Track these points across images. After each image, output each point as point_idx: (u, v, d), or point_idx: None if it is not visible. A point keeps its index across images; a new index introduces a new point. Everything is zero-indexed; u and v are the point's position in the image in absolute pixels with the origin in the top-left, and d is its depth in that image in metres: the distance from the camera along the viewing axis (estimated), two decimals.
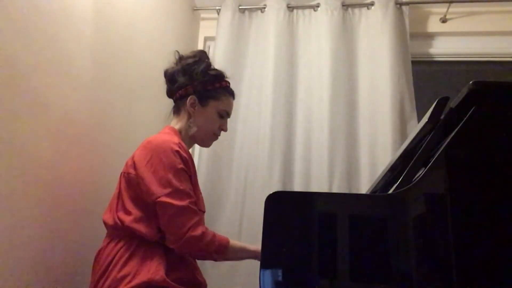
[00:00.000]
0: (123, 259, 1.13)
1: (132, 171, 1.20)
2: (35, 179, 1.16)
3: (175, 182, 1.15)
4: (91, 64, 1.43)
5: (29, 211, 1.13)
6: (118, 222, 1.18)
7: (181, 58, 1.41)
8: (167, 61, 1.44)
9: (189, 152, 1.28)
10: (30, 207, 1.14)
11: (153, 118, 1.95)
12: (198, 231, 1.14)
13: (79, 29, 1.35)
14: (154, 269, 1.11)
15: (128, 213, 1.18)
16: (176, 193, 1.15)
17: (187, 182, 1.19)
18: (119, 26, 1.62)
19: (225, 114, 1.41)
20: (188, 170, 1.22)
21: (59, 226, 1.26)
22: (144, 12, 1.85)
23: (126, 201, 1.20)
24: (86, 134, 1.41)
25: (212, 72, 1.38)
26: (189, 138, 1.38)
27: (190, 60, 1.39)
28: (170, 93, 1.43)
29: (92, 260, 1.22)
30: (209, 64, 1.39)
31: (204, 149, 2.13)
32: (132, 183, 1.20)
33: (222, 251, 1.18)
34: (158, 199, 1.13)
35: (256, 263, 0.86)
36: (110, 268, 1.13)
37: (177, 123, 1.38)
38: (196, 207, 1.18)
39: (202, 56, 1.40)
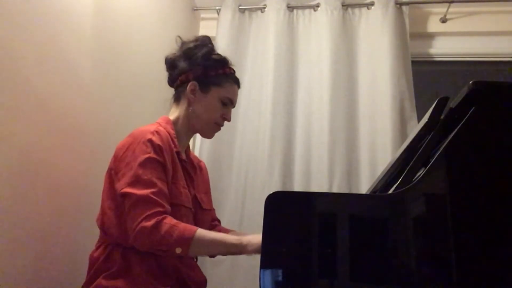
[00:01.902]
0: (116, 268, 1.09)
1: (112, 165, 1.16)
2: (35, 179, 1.16)
3: (139, 171, 1.07)
4: (91, 64, 1.43)
5: (28, 210, 1.13)
6: (99, 223, 1.16)
7: (183, 44, 1.32)
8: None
9: (169, 139, 1.19)
10: (30, 206, 1.14)
11: (153, 118, 1.94)
12: (151, 222, 1.01)
13: (79, 29, 1.35)
14: (142, 280, 1.07)
15: (104, 213, 1.14)
16: (138, 182, 1.06)
17: (156, 171, 1.10)
18: (119, 26, 1.62)
19: (228, 102, 1.30)
20: (161, 158, 1.12)
21: (59, 226, 1.26)
22: (144, 12, 1.85)
23: (106, 200, 1.15)
24: (86, 134, 1.41)
25: (215, 57, 1.29)
26: (188, 127, 1.29)
27: (191, 45, 1.30)
28: (170, 81, 1.34)
29: None
30: (211, 49, 1.30)
31: (204, 149, 2.13)
32: (112, 179, 1.15)
33: (184, 243, 1.02)
34: (121, 190, 1.07)
35: (256, 263, 0.86)
36: (101, 273, 1.10)
37: (174, 112, 1.30)
38: (160, 198, 1.06)
39: (204, 41, 1.31)
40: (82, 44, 1.37)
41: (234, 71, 1.34)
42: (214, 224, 1.44)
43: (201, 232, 1.06)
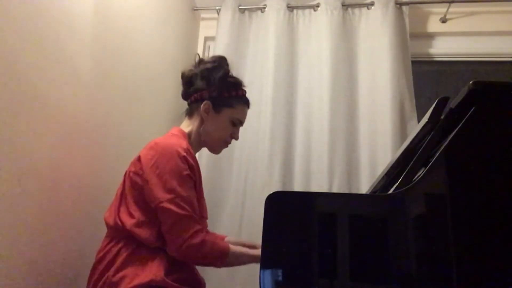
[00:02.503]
0: (122, 260, 1.13)
1: (138, 171, 1.20)
2: (36, 180, 1.16)
3: (179, 188, 1.14)
4: (91, 64, 1.43)
5: (29, 211, 1.13)
6: (119, 223, 1.17)
7: (200, 62, 1.41)
8: (167, 61, 1.43)
9: (195, 157, 1.27)
10: (31, 207, 1.14)
11: (153, 118, 1.95)
12: (197, 240, 1.13)
13: (79, 29, 1.35)
14: (153, 270, 1.11)
15: (131, 216, 1.17)
16: (179, 200, 1.14)
17: (191, 189, 1.19)
18: (119, 26, 1.62)
19: (237, 123, 1.40)
20: (193, 176, 1.21)
21: (59, 226, 1.26)
22: (144, 12, 1.85)
23: (130, 203, 1.19)
24: (86, 134, 1.41)
25: (230, 80, 1.37)
26: (199, 142, 1.38)
27: (209, 65, 1.38)
28: (185, 96, 1.42)
29: (92, 260, 1.22)
30: (227, 71, 1.38)
31: (205, 149, 2.13)
32: (136, 184, 1.19)
33: (222, 259, 1.18)
34: (161, 205, 1.13)
35: (256, 263, 0.86)
36: (109, 269, 1.13)
37: (187, 126, 1.38)
38: (197, 215, 1.17)
39: (221, 62, 1.39)
40: (82, 44, 1.37)
41: (246, 92, 1.42)
42: None
43: (232, 249, 1.20)
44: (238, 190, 2.08)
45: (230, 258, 1.19)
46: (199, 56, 1.43)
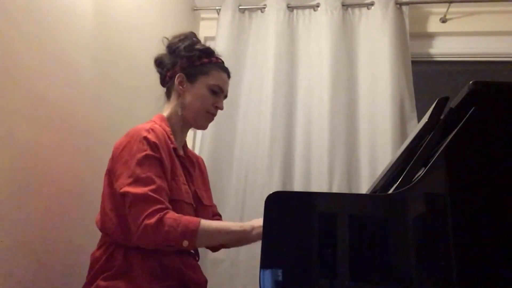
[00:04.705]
0: (114, 270, 1.09)
1: (109, 167, 1.17)
2: (35, 179, 1.16)
3: (138, 170, 1.07)
4: (91, 64, 1.43)
5: (28, 211, 1.13)
6: (99, 224, 1.16)
7: (168, 42, 1.34)
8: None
9: (165, 136, 1.19)
10: (30, 207, 1.14)
11: (152, 117, 1.95)
12: (154, 219, 1.02)
13: (79, 29, 1.35)
14: (142, 280, 1.07)
15: (105, 215, 1.14)
16: (136, 181, 1.06)
17: (154, 168, 1.10)
18: (119, 26, 1.62)
19: (217, 90, 1.29)
20: (158, 154, 1.12)
21: (58, 226, 1.26)
22: (144, 12, 1.85)
23: (106, 201, 1.15)
24: (86, 133, 1.41)
25: (198, 47, 1.29)
26: (182, 121, 1.29)
27: (175, 40, 1.31)
28: (162, 80, 1.35)
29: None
30: (195, 41, 1.31)
31: (204, 148, 2.13)
32: (110, 182, 1.15)
33: (190, 235, 1.03)
34: (120, 190, 1.07)
35: (256, 263, 0.86)
36: (99, 275, 1.10)
37: (167, 108, 1.30)
38: (159, 195, 1.06)
39: (188, 35, 1.32)
40: (82, 43, 1.37)
41: (222, 62, 1.34)
42: (215, 218, 1.44)
43: (205, 222, 1.07)
44: (238, 190, 2.08)
45: (203, 236, 1.05)
46: (167, 39, 1.34)
